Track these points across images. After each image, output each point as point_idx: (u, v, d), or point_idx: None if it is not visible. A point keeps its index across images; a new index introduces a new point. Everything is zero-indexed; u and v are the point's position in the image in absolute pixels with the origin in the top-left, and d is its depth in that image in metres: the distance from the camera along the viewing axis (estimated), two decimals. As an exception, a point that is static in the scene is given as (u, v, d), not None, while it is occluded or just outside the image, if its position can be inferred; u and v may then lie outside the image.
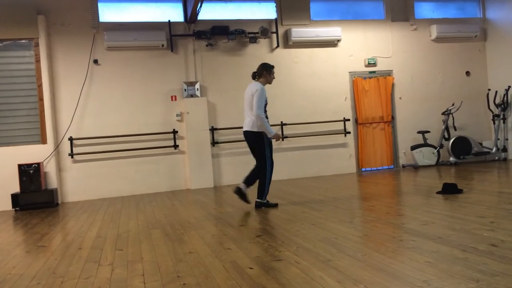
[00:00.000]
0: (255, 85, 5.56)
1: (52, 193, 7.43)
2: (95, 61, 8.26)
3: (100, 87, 8.28)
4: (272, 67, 5.72)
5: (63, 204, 7.68)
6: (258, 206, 5.57)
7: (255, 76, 5.73)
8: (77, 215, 6.19)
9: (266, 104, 5.53)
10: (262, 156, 5.52)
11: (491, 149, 9.63)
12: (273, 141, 5.69)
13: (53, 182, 7.78)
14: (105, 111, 8.29)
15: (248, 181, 5.62)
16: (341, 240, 3.59)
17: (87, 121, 8.19)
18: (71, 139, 8.03)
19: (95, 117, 8.23)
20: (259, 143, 5.51)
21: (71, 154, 8.02)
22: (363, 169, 9.51)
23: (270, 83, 5.78)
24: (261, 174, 5.53)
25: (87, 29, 8.25)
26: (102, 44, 8.28)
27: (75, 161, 8.10)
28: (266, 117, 5.51)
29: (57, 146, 7.94)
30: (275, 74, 5.82)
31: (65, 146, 8.04)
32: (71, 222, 5.64)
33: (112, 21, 8.40)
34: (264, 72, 5.67)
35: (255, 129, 5.49)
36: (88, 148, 8.15)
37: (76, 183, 8.06)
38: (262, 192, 5.54)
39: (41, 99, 7.81)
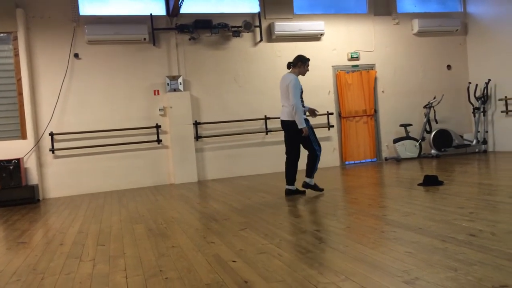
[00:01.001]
0: (288, 76, 5.71)
1: (33, 189, 7.33)
2: (76, 55, 8.14)
3: (81, 82, 8.18)
4: (308, 59, 5.85)
5: (44, 200, 7.58)
6: (305, 186, 5.73)
7: (290, 65, 5.85)
8: (59, 211, 6.12)
9: (302, 93, 5.68)
10: (308, 142, 5.67)
11: (472, 142, 9.79)
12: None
13: (33, 178, 7.67)
14: (86, 105, 8.19)
15: (291, 180, 5.78)
16: (323, 232, 3.62)
17: (68, 116, 8.08)
18: (51, 134, 7.91)
19: (76, 112, 8.13)
20: (299, 131, 5.61)
21: (52, 150, 7.92)
22: (347, 162, 9.58)
23: (303, 74, 5.91)
24: (311, 157, 5.68)
25: (67, 23, 8.12)
26: (82, 38, 8.17)
27: (56, 157, 7.99)
28: (303, 106, 5.67)
29: (37, 142, 7.82)
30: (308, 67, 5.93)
31: (46, 142, 7.93)
32: (52, 218, 5.57)
33: (93, 14, 8.29)
34: (299, 63, 5.78)
35: (293, 118, 5.61)
36: (70, 144, 8.05)
37: (58, 179, 7.96)
38: (311, 171, 5.69)
39: (20, 94, 7.68)
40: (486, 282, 2.24)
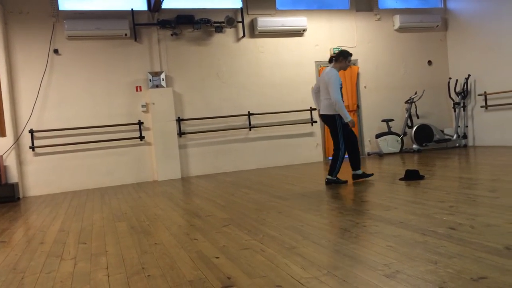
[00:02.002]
0: (329, 71, 5.80)
1: (13, 187, 7.21)
2: (55, 51, 8.02)
3: (61, 78, 8.05)
4: (350, 54, 5.91)
5: (24, 199, 7.47)
6: (328, 182, 5.90)
7: (332, 60, 5.95)
8: (39, 209, 6.03)
9: (341, 88, 5.76)
10: (336, 137, 5.82)
11: (452, 136, 9.93)
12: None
13: (13, 176, 7.54)
14: (67, 102, 8.08)
15: (354, 165, 5.96)
16: (306, 227, 3.64)
17: (48, 113, 7.96)
18: (31, 131, 7.79)
19: (57, 108, 8.01)
20: (333, 126, 5.81)
21: (32, 147, 7.79)
22: (330, 158, 9.63)
23: (344, 69, 5.98)
24: (335, 154, 5.85)
25: (46, 18, 7.99)
26: (62, 33, 8.04)
27: (37, 154, 7.87)
28: (343, 101, 5.75)
29: (17, 139, 7.69)
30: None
31: (26, 139, 7.80)
32: (33, 217, 5.49)
33: (73, 10, 8.16)
34: (340, 58, 5.86)
35: (330, 112, 5.77)
36: (50, 141, 7.94)
37: (38, 176, 7.84)
38: (333, 170, 5.83)
39: (-2, 91, 7.53)
40: (465, 274, 2.28)
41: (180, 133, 8.63)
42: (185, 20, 8.59)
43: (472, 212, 3.65)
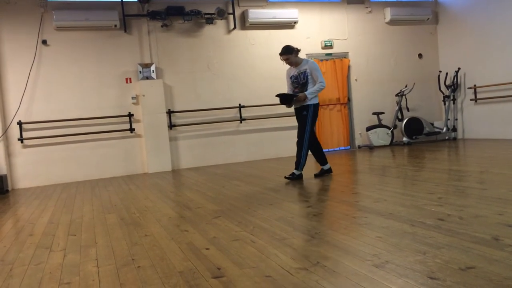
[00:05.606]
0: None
1: (1, 179, 7.14)
2: (44, 42, 7.92)
3: (50, 69, 7.96)
4: (281, 53, 5.85)
5: (13, 191, 7.40)
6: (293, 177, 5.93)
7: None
8: (28, 202, 5.98)
9: (293, 80, 5.93)
10: (303, 129, 5.90)
11: (442, 129, 10.00)
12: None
13: (2, 168, 7.47)
14: (56, 94, 7.99)
15: (320, 161, 6.06)
16: (296, 219, 3.65)
17: (37, 105, 7.87)
18: (20, 123, 7.70)
19: (46, 100, 7.93)
20: (303, 117, 5.89)
21: (21, 139, 7.71)
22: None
23: (290, 65, 5.98)
24: (302, 147, 5.91)
25: (35, 8, 7.88)
26: (51, 24, 7.94)
27: (25, 146, 7.79)
28: (295, 92, 5.91)
29: (5, 131, 7.61)
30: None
31: (14, 131, 7.72)
32: (21, 209, 5.44)
33: (61, 0, 8.05)
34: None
35: (306, 103, 5.88)
36: (39, 133, 7.86)
37: (27, 168, 7.77)
38: (298, 164, 5.87)
39: (-14, 82, 7.43)
40: (453, 264, 2.31)
41: (171, 126, 8.59)
42: (175, 12, 8.52)
43: (461, 203, 3.68)
